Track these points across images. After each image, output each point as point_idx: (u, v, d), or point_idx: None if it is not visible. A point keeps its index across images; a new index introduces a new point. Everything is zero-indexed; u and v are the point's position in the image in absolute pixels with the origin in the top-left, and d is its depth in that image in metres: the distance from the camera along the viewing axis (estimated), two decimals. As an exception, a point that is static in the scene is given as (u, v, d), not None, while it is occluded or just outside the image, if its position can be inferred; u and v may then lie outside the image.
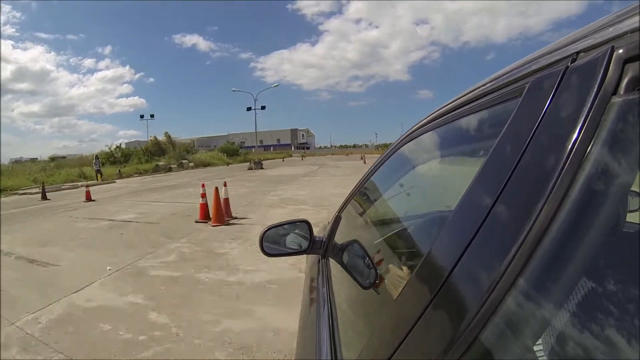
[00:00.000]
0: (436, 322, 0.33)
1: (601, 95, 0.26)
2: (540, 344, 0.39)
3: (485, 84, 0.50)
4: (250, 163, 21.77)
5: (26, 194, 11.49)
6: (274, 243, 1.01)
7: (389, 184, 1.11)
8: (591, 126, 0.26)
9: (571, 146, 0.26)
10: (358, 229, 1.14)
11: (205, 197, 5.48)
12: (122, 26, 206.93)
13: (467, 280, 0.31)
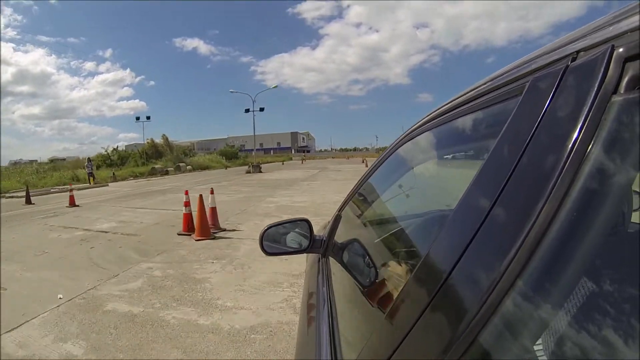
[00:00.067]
0: (436, 322, 0.33)
1: (601, 94, 0.26)
2: (540, 343, 0.38)
3: (484, 83, 0.49)
4: (249, 166, 21.28)
5: (13, 197, 11.08)
6: (274, 242, 1.00)
7: (389, 183, 1.09)
8: (591, 125, 0.25)
9: (571, 145, 0.26)
10: (358, 228, 1.12)
11: (189, 205, 4.91)
12: (123, 29, 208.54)
13: (467, 280, 0.31)
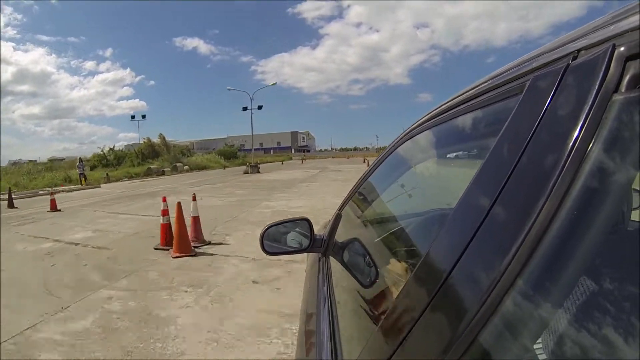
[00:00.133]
0: (436, 321, 0.33)
1: (602, 93, 0.26)
2: (539, 342, 0.38)
3: (485, 82, 0.49)
4: (247, 166, 20.76)
5: (-2, 200, 10.51)
6: (274, 241, 1.01)
7: (389, 182, 1.08)
8: (592, 124, 0.25)
9: (572, 144, 0.26)
10: (358, 227, 1.11)
11: (168, 215, 4.16)
12: (123, 29, 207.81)
13: (467, 279, 0.31)
